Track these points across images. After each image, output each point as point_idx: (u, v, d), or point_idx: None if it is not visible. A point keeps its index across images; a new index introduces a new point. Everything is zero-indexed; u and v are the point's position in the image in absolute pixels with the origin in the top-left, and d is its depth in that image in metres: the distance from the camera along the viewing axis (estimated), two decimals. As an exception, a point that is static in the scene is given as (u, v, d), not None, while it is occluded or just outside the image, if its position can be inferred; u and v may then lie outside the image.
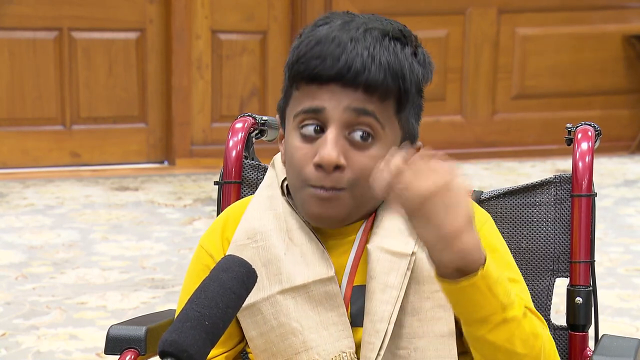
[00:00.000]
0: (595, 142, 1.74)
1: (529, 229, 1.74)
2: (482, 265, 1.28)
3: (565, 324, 1.72)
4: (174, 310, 1.62)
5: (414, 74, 1.45)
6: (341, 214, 1.47)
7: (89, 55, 6.03)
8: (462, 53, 6.55)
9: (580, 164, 1.71)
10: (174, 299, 2.97)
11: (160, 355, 1.23)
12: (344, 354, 1.46)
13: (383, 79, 1.42)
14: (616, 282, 3.97)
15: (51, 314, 3.52)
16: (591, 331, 1.72)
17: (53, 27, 5.96)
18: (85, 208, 5.11)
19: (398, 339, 1.46)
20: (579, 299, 1.69)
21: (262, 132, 1.84)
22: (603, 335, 1.60)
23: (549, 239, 1.73)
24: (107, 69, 6.07)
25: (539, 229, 1.74)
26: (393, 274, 1.45)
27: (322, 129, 1.44)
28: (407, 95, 1.45)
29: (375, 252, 1.47)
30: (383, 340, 1.43)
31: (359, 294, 1.48)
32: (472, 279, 1.27)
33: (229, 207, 1.63)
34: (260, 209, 1.54)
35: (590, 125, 1.76)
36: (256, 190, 1.60)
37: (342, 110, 1.42)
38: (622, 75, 6.82)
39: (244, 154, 1.80)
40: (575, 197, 1.71)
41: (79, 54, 6.01)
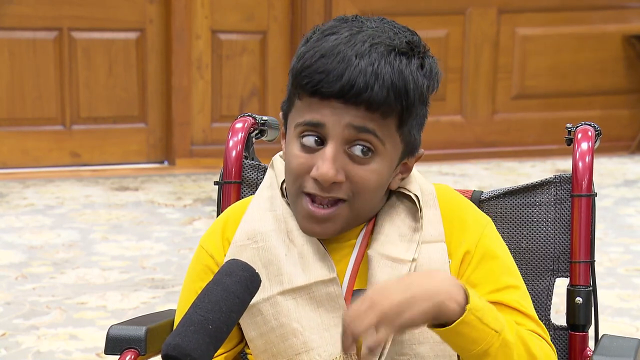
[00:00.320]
0: (595, 142, 1.74)
1: (529, 229, 1.74)
2: (466, 303, 1.32)
3: (565, 324, 1.72)
4: (174, 311, 1.62)
5: (418, 88, 1.43)
6: (337, 230, 1.47)
7: (89, 55, 6.02)
8: (462, 53, 6.55)
9: (580, 164, 1.71)
10: (174, 299, 2.97)
11: (163, 359, 1.23)
12: (345, 356, 1.46)
13: (385, 98, 1.40)
14: (616, 282, 3.97)
15: (51, 314, 3.52)
16: (591, 331, 1.72)
17: (53, 27, 5.95)
18: (85, 208, 5.11)
19: (399, 344, 1.46)
20: (579, 299, 1.69)
21: (262, 132, 1.84)
22: (603, 335, 1.60)
23: (549, 239, 1.73)
24: (107, 69, 6.07)
25: (539, 229, 1.74)
26: None
27: (322, 141, 1.44)
28: (409, 111, 1.43)
29: (376, 258, 1.48)
30: (384, 347, 1.43)
31: (359, 297, 1.48)
32: (460, 320, 1.32)
33: (229, 208, 1.63)
34: (260, 209, 1.54)
35: (590, 125, 1.75)
36: (256, 191, 1.60)
37: (343, 127, 1.42)
38: (622, 75, 6.82)
39: (244, 154, 1.80)
40: (575, 197, 1.71)
41: (79, 54, 6.00)
